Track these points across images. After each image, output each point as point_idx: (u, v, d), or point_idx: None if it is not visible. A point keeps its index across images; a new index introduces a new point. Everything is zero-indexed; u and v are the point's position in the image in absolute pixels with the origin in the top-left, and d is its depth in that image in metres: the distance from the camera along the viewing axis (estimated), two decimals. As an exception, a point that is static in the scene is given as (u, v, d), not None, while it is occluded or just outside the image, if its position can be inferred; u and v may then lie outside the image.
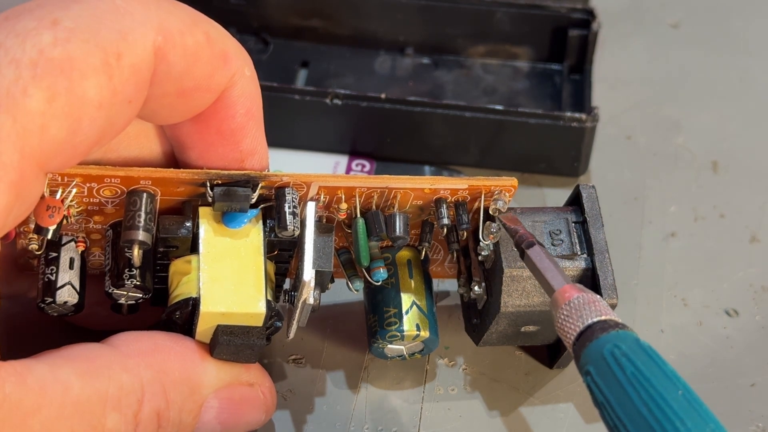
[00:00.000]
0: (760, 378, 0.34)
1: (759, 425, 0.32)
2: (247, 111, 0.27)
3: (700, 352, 0.34)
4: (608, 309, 0.27)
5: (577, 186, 0.32)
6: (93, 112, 0.24)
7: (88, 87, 0.24)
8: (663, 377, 0.25)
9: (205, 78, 0.26)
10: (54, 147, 0.24)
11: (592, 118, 0.38)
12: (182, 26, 0.25)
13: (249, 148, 0.28)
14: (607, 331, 0.26)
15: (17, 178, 0.23)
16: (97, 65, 0.24)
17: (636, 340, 0.26)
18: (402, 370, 0.33)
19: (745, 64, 0.44)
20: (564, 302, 0.27)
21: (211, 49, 0.26)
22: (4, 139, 0.23)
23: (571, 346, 0.26)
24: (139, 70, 0.25)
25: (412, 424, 0.32)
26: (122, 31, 0.24)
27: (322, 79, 0.41)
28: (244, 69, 0.27)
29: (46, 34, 0.24)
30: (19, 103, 0.23)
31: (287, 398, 0.32)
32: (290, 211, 0.28)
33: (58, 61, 0.23)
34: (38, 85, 0.23)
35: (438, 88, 0.41)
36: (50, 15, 0.24)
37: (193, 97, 0.26)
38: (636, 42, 0.44)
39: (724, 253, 0.37)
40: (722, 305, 0.36)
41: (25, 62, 0.23)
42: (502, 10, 0.41)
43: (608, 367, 0.25)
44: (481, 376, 0.33)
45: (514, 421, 0.32)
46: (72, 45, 0.24)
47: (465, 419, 0.32)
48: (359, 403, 0.32)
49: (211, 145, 0.28)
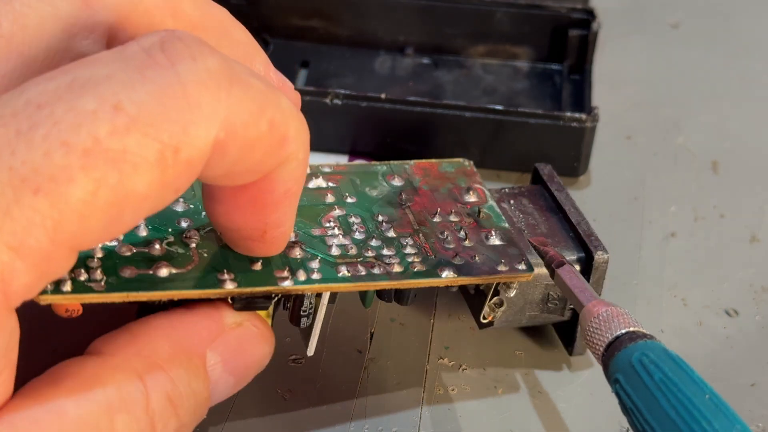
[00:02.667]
0: (760, 378, 0.34)
1: (759, 425, 0.32)
2: (287, 190, 0.26)
3: (700, 352, 0.34)
4: (636, 321, 0.28)
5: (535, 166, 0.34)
6: (138, 203, 0.23)
7: (137, 181, 0.22)
8: (690, 383, 0.26)
9: (256, 164, 0.25)
10: (89, 235, 0.23)
11: (592, 118, 0.38)
12: (248, 118, 0.24)
13: (276, 221, 0.27)
14: (635, 341, 0.27)
15: (43, 262, 0.22)
16: (152, 160, 0.22)
17: (664, 350, 0.27)
18: (402, 370, 0.33)
19: (745, 64, 0.44)
20: (593, 316, 0.28)
21: (271, 137, 0.25)
22: (39, 223, 0.22)
23: (600, 357, 0.28)
24: (194, 165, 0.23)
25: (412, 424, 0.32)
26: (185, 123, 0.23)
27: (322, 79, 0.41)
28: (299, 152, 0.26)
29: (105, 121, 0.22)
30: (61, 189, 0.22)
31: (287, 398, 0.32)
32: (305, 314, 0.29)
33: (113, 153, 0.22)
34: (87, 175, 0.22)
35: (438, 88, 0.41)
36: (114, 97, 0.22)
37: (241, 177, 0.25)
38: (636, 42, 0.44)
39: (724, 253, 0.37)
40: (722, 305, 0.36)
41: (77, 149, 0.22)
42: (502, 10, 0.41)
43: (637, 375, 0.26)
44: (481, 376, 0.33)
45: (515, 421, 0.32)
46: (130, 137, 0.22)
47: (465, 419, 0.32)
48: (359, 403, 0.33)
49: (240, 208, 0.27)
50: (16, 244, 0.22)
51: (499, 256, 0.30)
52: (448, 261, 0.30)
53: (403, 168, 0.33)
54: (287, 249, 0.29)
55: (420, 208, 0.31)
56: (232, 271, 0.28)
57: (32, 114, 0.22)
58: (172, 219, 0.29)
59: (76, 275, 0.27)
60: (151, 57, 0.23)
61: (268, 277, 0.28)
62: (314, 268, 0.29)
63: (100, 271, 0.27)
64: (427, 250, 0.30)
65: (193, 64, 0.23)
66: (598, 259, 0.32)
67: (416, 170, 0.33)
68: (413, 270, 0.29)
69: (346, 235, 0.30)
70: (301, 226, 0.30)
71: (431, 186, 0.32)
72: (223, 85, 0.24)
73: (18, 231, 0.22)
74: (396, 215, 0.31)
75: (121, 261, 0.28)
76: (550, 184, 0.34)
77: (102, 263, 0.27)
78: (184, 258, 0.28)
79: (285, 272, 0.28)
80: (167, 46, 0.23)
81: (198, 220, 0.29)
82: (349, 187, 0.32)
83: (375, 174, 0.32)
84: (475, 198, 0.32)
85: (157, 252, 0.28)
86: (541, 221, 0.33)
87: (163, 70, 0.23)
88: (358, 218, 0.31)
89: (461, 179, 0.33)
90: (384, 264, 0.29)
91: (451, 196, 0.32)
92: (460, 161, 0.33)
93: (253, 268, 0.28)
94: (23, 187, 0.22)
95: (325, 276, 0.29)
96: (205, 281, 0.28)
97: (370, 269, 0.29)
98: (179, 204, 0.29)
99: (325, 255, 0.29)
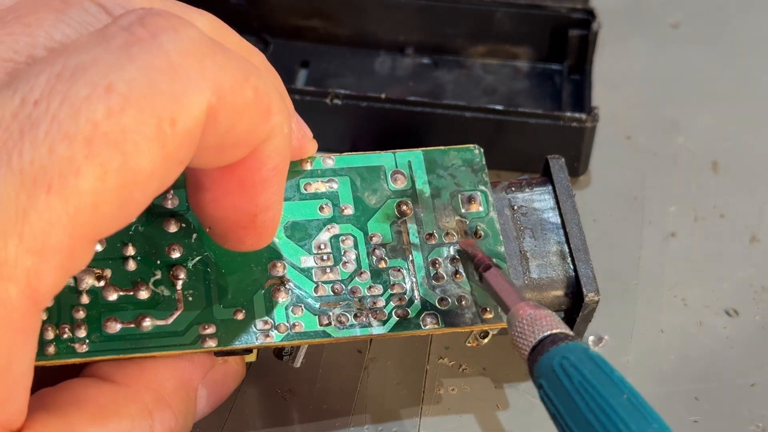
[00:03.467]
0: (760, 378, 0.34)
1: (759, 425, 0.32)
2: (275, 166, 0.26)
3: (700, 352, 0.34)
4: (559, 322, 0.27)
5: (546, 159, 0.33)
6: (145, 181, 0.23)
7: (141, 159, 0.23)
8: (609, 383, 0.25)
9: (245, 135, 0.25)
10: (105, 221, 0.23)
11: (592, 118, 0.38)
12: (234, 83, 0.24)
13: (266, 203, 0.27)
14: (556, 344, 0.27)
15: (66, 259, 0.22)
16: (151, 135, 0.23)
17: (584, 350, 0.26)
18: (402, 370, 0.33)
19: (745, 64, 0.44)
20: (517, 320, 0.28)
21: (257, 105, 0.25)
22: (56, 222, 0.22)
23: (526, 362, 0.27)
24: (192, 133, 0.23)
25: (412, 424, 0.32)
26: (177, 93, 0.23)
27: (322, 79, 0.41)
28: (284, 126, 0.26)
29: (100, 104, 0.22)
30: (71, 183, 0.22)
31: (287, 398, 0.32)
32: (287, 353, 0.30)
33: (113, 134, 0.22)
34: (91, 163, 0.22)
35: (438, 88, 0.41)
36: (104, 79, 0.22)
37: (230, 152, 0.25)
38: (636, 42, 0.44)
39: (724, 253, 0.37)
40: (722, 305, 0.36)
41: (79, 140, 0.22)
42: (502, 10, 0.41)
43: (558, 379, 0.26)
44: (481, 376, 0.33)
45: (515, 421, 0.32)
46: (126, 116, 0.22)
47: (465, 419, 0.32)
48: (359, 403, 0.32)
49: (229, 193, 0.27)
50: (39, 247, 0.22)
51: (487, 296, 0.30)
52: (434, 306, 0.30)
53: (408, 161, 0.32)
54: (273, 292, 0.29)
55: (417, 224, 0.31)
56: (214, 322, 0.28)
57: (31, 112, 0.22)
58: (162, 246, 0.29)
59: (60, 333, 0.27)
60: (133, 34, 0.23)
61: (249, 332, 0.29)
62: (296, 319, 0.29)
63: (84, 327, 0.28)
64: (414, 289, 0.30)
65: (176, 34, 0.23)
66: (588, 300, 0.31)
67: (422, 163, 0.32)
68: (396, 318, 0.29)
69: (336, 265, 0.30)
70: (291, 252, 0.30)
71: (434, 188, 0.31)
72: (207, 53, 0.24)
73: (38, 234, 0.22)
74: (391, 234, 0.31)
75: (106, 310, 0.28)
76: (558, 191, 0.33)
77: (87, 312, 0.28)
78: (169, 303, 0.28)
79: (267, 324, 0.29)
80: (146, 21, 0.23)
81: (188, 246, 0.29)
82: (347, 191, 0.31)
83: (378, 171, 0.31)
84: (476, 207, 0.31)
85: (143, 296, 0.28)
86: (540, 239, 0.32)
87: (147, 44, 0.23)
88: (350, 240, 0.30)
89: (466, 178, 0.32)
90: (367, 311, 0.29)
91: (453, 203, 0.31)
92: (470, 148, 0.32)
93: (236, 317, 0.29)
94: (35, 188, 0.22)
95: (306, 328, 0.29)
96: (186, 337, 0.28)
97: (354, 318, 0.29)
98: (171, 224, 0.29)
99: (310, 297, 0.29)
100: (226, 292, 0.29)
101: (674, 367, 0.34)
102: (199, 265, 0.29)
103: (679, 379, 0.34)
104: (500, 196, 0.33)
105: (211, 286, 0.29)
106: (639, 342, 0.35)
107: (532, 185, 0.33)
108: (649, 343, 0.35)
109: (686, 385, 0.34)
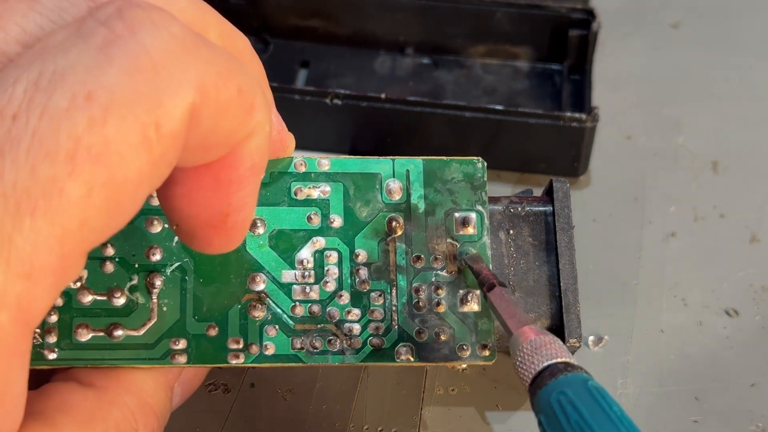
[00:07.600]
0: (760, 378, 0.34)
1: (759, 425, 0.32)
2: (253, 165, 0.25)
3: (700, 352, 0.34)
4: (561, 349, 0.26)
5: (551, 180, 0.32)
6: (133, 189, 0.22)
7: (127, 169, 0.22)
8: (606, 422, 0.25)
9: (227, 134, 0.24)
10: (94, 234, 0.22)
11: (592, 118, 0.38)
12: (218, 80, 0.23)
13: (239, 203, 0.26)
14: (555, 377, 0.26)
15: (57, 278, 0.22)
16: (136, 143, 0.22)
17: (583, 383, 0.25)
18: (402, 370, 0.33)
19: (745, 64, 0.44)
20: (519, 347, 0.27)
21: (240, 103, 0.24)
22: (43, 244, 0.21)
23: (528, 391, 0.26)
24: (178, 135, 0.23)
25: (412, 424, 0.32)
26: (159, 95, 0.22)
27: (322, 79, 0.41)
28: (266, 124, 0.25)
29: (81, 116, 0.21)
30: (55, 204, 0.21)
31: (287, 398, 0.32)
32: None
33: (96, 148, 0.21)
34: (76, 180, 0.21)
35: (438, 88, 0.41)
36: (84, 87, 0.21)
37: (211, 151, 0.25)
38: (636, 42, 0.44)
39: (724, 253, 0.37)
40: (722, 305, 0.36)
41: (61, 157, 0.21)
42: (502, 10, 0.41)
43: (555, 417, 0.25)
44: (481, 376, 0.33)
45: (515, 421, 0.32)
46: (109, 126, 0.21)
47: (465, 419, 0.32)
48: (359, 403, 0.33)
49: (202, 188, 0.25)
50: (27, 271, 0.21)
51: (467, 331, 0.29)
52: (410, 337, 0.29)
53: (407, 169, 0.30)
54: (249, 308, 0.29)
55: (407, 243, 0.30)
56: (186, 337, 0.28)
57: (11, 128, 0.21)
58: (143, 248, 0.29)
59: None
60: (111, 30, 0.22)
61: (219, 351, 0.29)
62: (269, 340, 0.29)
63: (55, 332, 0.28)
64: (393, 317, 0.29)
65: (156, 30, 0.22)
66: (569, 346, 0.31)
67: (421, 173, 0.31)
68: (370, 347, 0.29)
69: (317, 283, 0.29)
70: (273, 265, 0.29)
71: (429, 204, 0.30)
72: (190, 48, 0.23)
73: (25, 258, 0.21)
74: (378, 252, 0.30)
75: (78, 315, 0.28)
76: (558, 221, 0.32)
77: (60, 315, 0.28)
78: (143, 312, 0.28)
79: (239, 344, 0.29)
80: (125, 13, 0.22)
81: (168, 249, 0.29)
82: (339, 201, 0.30)
83: (374, 180, 0.30)
84: (470, 230, 0.30)
85: (117, 302, 0.28)
86: (532, 268, 0.32)
87: (126, 43, 0.22)
88: (335, 255, 0.29)
89: (464, 196, 0.30)
90: (342, 336, 0.29)
91: (447, 223, 0.30)
92: (473, 161, 0.31)
93: (208, 333, 0.29)
94: (19, 212, 0.21)
95: (278, 351, 0.29)
96: (156, 351, 0.28)
97: (327, 344, 0.29)
98: (154, 224, 0.29)
99: (286, 315, 0.29)
100: (201, 304, 0.29)
101: (674, 367, 0.34)
102: (177, 272, 0.29)
103: (679, 379, 0.34)
104: (496, 218, 0.32)
105: (186, 297, 0.29)
106: (639, 342, 0.35)
107: (533, 206, 0.32)
108: (649, 343, 0.35)
109: (686, 385, 0.34)
